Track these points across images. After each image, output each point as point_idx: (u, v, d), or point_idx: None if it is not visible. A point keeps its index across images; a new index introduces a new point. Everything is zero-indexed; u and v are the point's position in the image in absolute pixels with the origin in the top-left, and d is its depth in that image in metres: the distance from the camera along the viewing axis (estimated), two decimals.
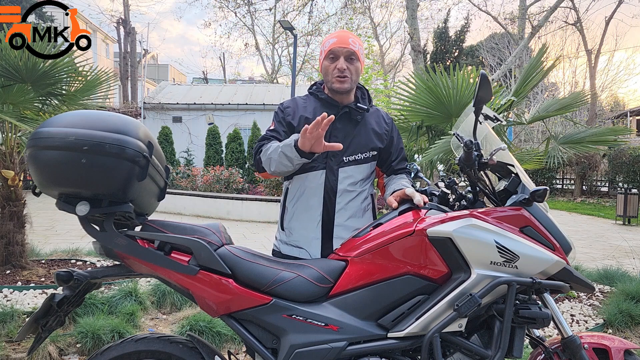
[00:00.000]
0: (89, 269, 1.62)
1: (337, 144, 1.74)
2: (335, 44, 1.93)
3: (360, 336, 1.60)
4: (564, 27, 23.35)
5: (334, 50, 1.93)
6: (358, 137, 1.98)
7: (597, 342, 1.69)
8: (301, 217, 1.96)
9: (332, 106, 1.99)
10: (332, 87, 1.96)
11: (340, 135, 1.96)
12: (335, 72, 1.93)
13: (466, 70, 3.67)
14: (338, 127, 1.96)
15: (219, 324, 3.08)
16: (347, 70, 1.93)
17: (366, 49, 18.85)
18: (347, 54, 1.93)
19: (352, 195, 1.97)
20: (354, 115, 2.00)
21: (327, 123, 1.64)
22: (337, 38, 1.95)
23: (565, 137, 4.23)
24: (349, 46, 1.93)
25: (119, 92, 22.99)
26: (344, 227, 1.94)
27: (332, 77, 1.94)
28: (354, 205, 1.97)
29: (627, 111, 25.29)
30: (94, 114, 1.52)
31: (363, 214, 2.00)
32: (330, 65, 1.95)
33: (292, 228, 1.98)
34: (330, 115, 1.66)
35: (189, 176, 12.09)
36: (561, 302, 3.97)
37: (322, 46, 2.02)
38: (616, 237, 8.53)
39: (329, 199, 1.94)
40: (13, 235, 4.03)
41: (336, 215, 1.94)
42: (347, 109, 1.98)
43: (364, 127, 2.01)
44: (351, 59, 1.94)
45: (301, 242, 1.95)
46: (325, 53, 1.96)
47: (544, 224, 1.66)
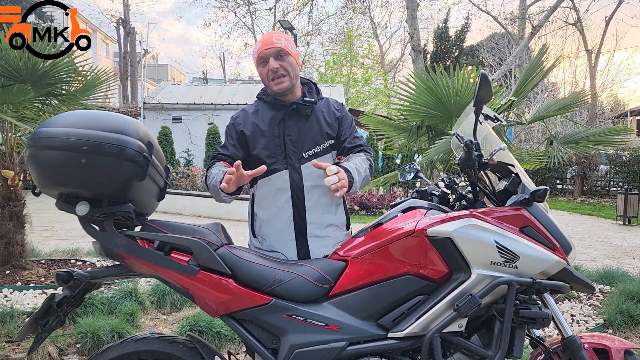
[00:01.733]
0: (89, 269, 1.62)
1: (260, 167, 1.72)
2: (260, 49, 1.91)
3: (360, 336, 1.60)
4: (564, 27, 23.35)
5: (262, 55, 1.91)
6: (312, 130, 1.96)
7: (597, 342, 1.70)
8: (272, 221, 1.92)
9: (279, 107, 1.97)
10: (273, 91, 1.94)
11: (294, 133, 1.93)
12: (269, 74, 1.90)
13: (466, 70, 3.67)
14: (290, 125, 1.94)
15: (219, 324, 3.08)
16: (281, 69, 1.89)
17: (366, 49, 18.93)
18: (274, 53, 1.89)
19: (320, 190, 1.92)
20: (302, 110, 1.97)
21: (238, 166, 1.67)
22: (261, 43, 1.93)
23: (566, 137, 4.23)
24: (274, 45, 1.89)
25: (118, 92, 22.99)
26: (317, 225, 1.91)
27: (269, 81, 1.92)
28: (324, 201, 1.93)
29: (627, 111, 25.31)
30: (94, 114, 1.52)
31: (336, 209, 1.97)
32: (263, 70, 1.92)
33: (264, 233, 1.94)
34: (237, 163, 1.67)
35: (189, 176, 12.09)
36: (561, 302, 3.96)
37: (253, 56, 2.00)
38: (616, 237, 8.53)
39: (297, 197, 1.90)
40: (13, 235, 4.03)
41: (307, 213, 1.90)
42: (294, 105, 1.96)
43: (316, 119, 1.98)
44: (280, 56, 1.90)
45: (276, 246, 1.91)
46: (256, 60, 1.94)
47: (544, 224, 1.66)
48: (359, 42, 24.26)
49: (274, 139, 1.93)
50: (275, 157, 1.92)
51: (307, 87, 2.05)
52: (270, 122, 1.95)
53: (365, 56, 19.09)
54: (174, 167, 12.64)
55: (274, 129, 1.94)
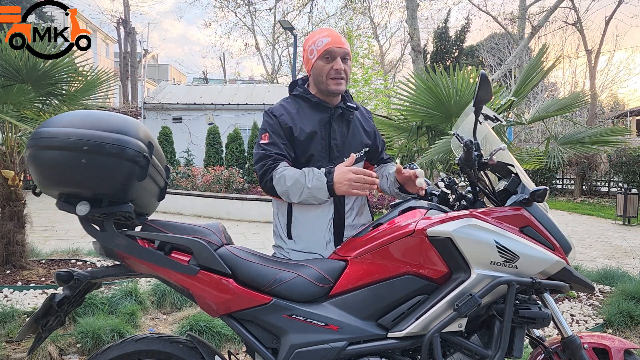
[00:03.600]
0: (89, 269, 1.62)
1: (351, 157, 1.78)
2: (330, 44, 1.87)
3: (360, 336, 1.60)
4: (564, 27, 23.36)
5: (331, 51, 1.87)
6: (352, 137, 1.98)
7: (597, 342, 1.69)
8: (312, 223, 1.90)
9: (324, 108, 1.95)
10: (328, 89, 1.91)
11: (338, 138, 1.94)
12: (332, 72, 1.88)
13: (466, 70, 3.67)
14: (335, 129, 1.94)
15: (219, 324, 3.08)
16: (343, 72, 1.90)
17: (366, 49, 18.90)
18: (343, 54, 1.89)
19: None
20: (347, 115, 1.98)
21: (352, 161, 1.76)
22: (330, 37, 1.89)
23: (565, 137, 4.23)
24: (344, 46, 1.89)
25: (119, 92, 23.00)
26: (352, 227, 1.95)
27: (328, 78, 1.89)
28: (357, 204, 2.00)
29: (627, 111, 25.30)
30: (94, 114, 1.52)
31: (364, 210, 2.04)
32: (326, 66, 1.88)
33: (301, 235, 1.91)
34: (352, 155, 1.77)
35: (189, 176, 12.09)
36: (561, 302, 3.97)
37: (311, 45, 1.92)
38: (616, 237, 8.53)
39: (339, 200, 1.92)
40: (13, 235, 4.03)
41: (346, 215, 1.94)
42: (339, 110, 1.95)
43: (355, 126, 2.01)
44: (345, 59, 1.91)
45: (314, 248, 1.89)
46: (321, 53, 1.88)
47: (544, 224, 1.66)
48: (359, 42, 24.23)
49: (321, 142, 1.92)
50: (321, 160, 1.91)
51: (346, 92, 2.04)
52: (318, 123, 1.92)
53: (365, 56, 19.07)
54: (174, 167, 12.65)
55: (321, 131, 1.92)
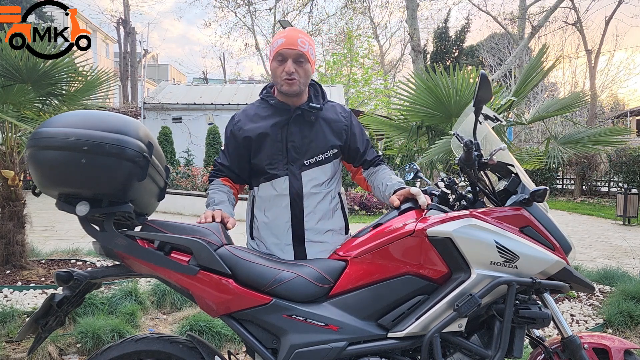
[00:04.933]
0: (89, 269, 1.62)
1: (232, 220, 1.79)
2: (283, 45, 1.85)
3: (360, 336, 1.60)
4: (564, 27, 23.36)
5: (282, 52, 1.86)
6: (316, 139, 1.94)
7: (597, 342, 1.69)
8: (271, 225, 1.93)
9: (283, 111, 1.94)
10: (281, 90, 1.91)
11: (297, 139, 1.92)
12: (283, 74, 1.87)
13: (466, 70, 3.67)
14: (293, 131, 1.92)
15: (219, 324, 3.08)
16: (296, 73, 1.86)
17: (366, 49, 18.93)
18: (295, 56, 1.86)
19: (319, 197, 1.94)
20: (307, 116, 1.94)
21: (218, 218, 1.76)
22: (285, 38, 1.87)
23: (565, 137, 4.23)
24: (297, 48, 1.85)
25: (119, 92, 22.99)
26: (315, 231, 1.92)
27: (281, 80, 1.88)
28: (322, 207, 1.94)
29: (627, 111, 25.29)
30: (94, 114, 1.51)
31: (333, 214, 1.97)
32: (278, 68, 1.88)
33: (262, 237, 1.95)
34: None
35: (189, 176, 12.09)
36: (561, 302, 3.97)
37: (271, 46, 1.94)
38: (616, 237, 8.53)
39: (296, 203, 1.91)
40: (13, 235, 4.03)
41: (305, 219, 1.91)
42: (299, 111, 1.93)
43: (320, 127, 1.96)
44: (300, 61, 1.87)
45: (273, 250, 1.92)
46: (273, 54, 1.88)
47: (544, 224, 1.66)
48: (359, 42, 24.25)
49: (277, 144, 1.91)
50: (277, 162, 1.91)
51: (312, 90, 2.02)
52: (274, 126, 1.92)
53: (365, 56, 19.09)
54: (174, 167, 12.64)
55: (277, 134, 1.92)
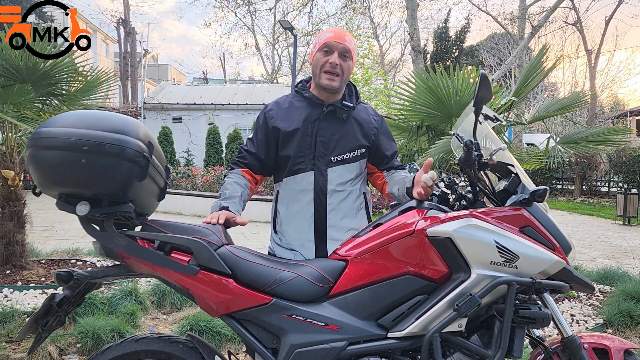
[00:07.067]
0: (89, 269, 1.62)
1: (243, 220, 1.78)
2: (331, 38, 1.88)
3: (360, 336, 1.60)
4: (564, 27, 23.37)
5: (330, 44, 1.88)
6: (345, 136, 1.94)
7: (597, 342, 1.69)
8: (293, 220, 1.93)
9: (316, 105, 1.94)
10: (320, 83, 1.90)
11: (326, 135, 1.92)
12: (326, 66, 1.87)
13: (466, 70, 3.67)
14: (324, 127, 1.92)
15: (219, 324, 3.08)
16: (339, 67, 1.88)
17: (366, 49, 18.89)
18: (341, 50, 1.88)
19: (342, 195, 1.94)
20: (339, 113, 1.94)
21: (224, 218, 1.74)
22: (334, 33, 1.90)
23: (565, 137, 4.23)
24: (344, 43, 1.88)
25: (119, 92, 22.99)
26: (337, 228, 1.92)
27: (322, 71, 1.89)
28: (346, 205, 1.94)
29: (627, 111, 25.29)
30: (94, 114, 1.52)
31: (356, 213, 1.98)
32: (322, 58, 1.89)
33: (284, 231, 1.96)
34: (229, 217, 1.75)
35: (189, 176, 12.09)
36: (561, 302, 3.97)
37: (316, 39, 1.96)
38: (616, 237, 8.53)
39: (320, 200, 1.91)
40: (13, 235, 4.03)
41: (328, 216, 1.91)
42: (332, 107, 1.94)
43: (351, 126, 1.96)
44: (345, 56, 1.89)
45: (294, 245, 1.92)
46: (320, 45, 1.90)
47: (543, 223, 1.66)
48: (359, 42, 24.24)
49: (305, 138, 1.91)
50: (304, 156, 1.91)
51: (347, 90, 2.02)
52: (305, 120, 1.92)
53: (365, 56, 19.06)
54: (174, 167, 12.64)
55: (307, 128, 1.92)
